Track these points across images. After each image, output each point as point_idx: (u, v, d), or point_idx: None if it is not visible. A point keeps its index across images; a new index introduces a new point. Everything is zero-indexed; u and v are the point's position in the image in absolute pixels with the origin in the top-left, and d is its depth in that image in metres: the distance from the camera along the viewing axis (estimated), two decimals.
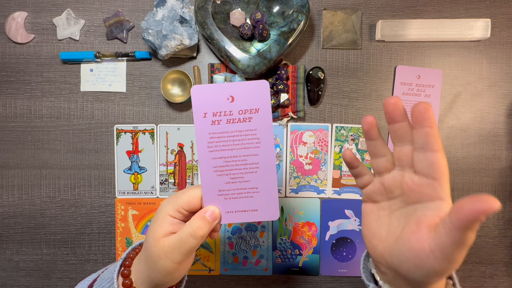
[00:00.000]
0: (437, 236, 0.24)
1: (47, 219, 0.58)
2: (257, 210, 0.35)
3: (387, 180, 0.30)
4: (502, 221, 0.58)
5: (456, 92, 0.58)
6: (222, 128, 0.34)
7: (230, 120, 0.34)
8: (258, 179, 0.35)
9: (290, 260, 0.58)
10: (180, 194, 0.34)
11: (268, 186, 0.35)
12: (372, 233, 0.31)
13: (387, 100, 0.28)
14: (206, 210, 0.34)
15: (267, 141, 0.34)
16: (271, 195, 0.35)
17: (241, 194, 0.35)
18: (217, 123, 0.34)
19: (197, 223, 0.33)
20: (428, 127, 0.26)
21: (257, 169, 0.35)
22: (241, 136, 0.34)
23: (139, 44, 0.58)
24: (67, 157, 0.58)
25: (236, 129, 0.34)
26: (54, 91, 0.58)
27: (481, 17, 0.57)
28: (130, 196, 0.58)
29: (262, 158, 0.34)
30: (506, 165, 0.58)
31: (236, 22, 0.55)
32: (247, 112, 0.34)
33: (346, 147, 0.58)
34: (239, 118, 0.34)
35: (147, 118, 0.58)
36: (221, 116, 0.34)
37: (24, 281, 0.58)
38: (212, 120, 0.34)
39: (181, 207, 0.33)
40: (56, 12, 0.57)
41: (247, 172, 0.35)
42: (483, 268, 0.58)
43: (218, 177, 0.35)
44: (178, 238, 0.32)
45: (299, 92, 0.57)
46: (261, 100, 0.34)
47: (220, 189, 0.35)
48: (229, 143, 0.34)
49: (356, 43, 0.57)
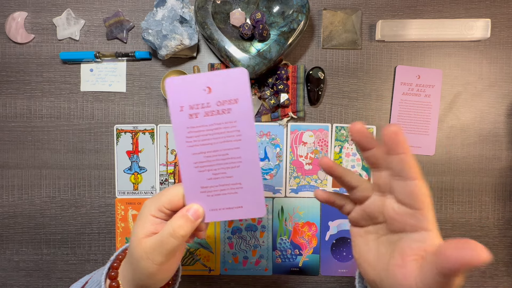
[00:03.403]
0: (423, 275, 0.23)
1: (47, 219, 0.58)
2: (242, 207, 0.33)
3: (369, 208, 0.29)
4: (502, 221, 0.58)
5: (456, 92, 0.58)
6: (200, 121, 0.32)
7: (208, 113, 0.31)
8: (241, 174, 0.32)
9: (290, 260, 0.58)
10: (162, 193, 0.33)
11: (252, 181, 0.32)
12: (362, 257, 0.30)
13: (353, 126, 0.27)
14: (188, 208, 0.32)
15: (248, 133, 0.32)
16: (256, 190, 0.33)
17: (224, 190, 0.33)
18: (194, 117, 0.32)
19: (178, 222, 0.31)
20: (403, 154, 0.24)
21: (239, 163, 0.32)
22: (221, 129, 0.32)
23: (139, 44, 0.58)
24: (67, 157, 0.58)
25: (215, 121, 0.32)
26: (54, 91, 0.58)
27: (481, 17, 0.57)
28: (130, 196, 0.58)
29: (244, 152, 0.32)
30: (506, 165, 0.58)
31: (236, 22, 0.55)
32: (225, 103, 0.31)
33: (346, 147, 0.58)
34: (217, 110, 0.31)
35: (147, 118, 0.58)
36: (198, 109, 0.32)
37: (24, 281, 0.58)
38: (189, 114, 0.32)
39: (163, 206, 0.32)
40: (56, 12, 0.57)
41: (229, 167, 0.32)
42: (483, 268, 0.58)
43: (200, 173, 0.32)
44: (159, 238, 0.31)
45: (299, 92, 0.57)
46: (239, 89, 0.31)
47: (203, 186, 0.33)
48: (208, 137, 0.32)
49: (356, 43, 0.57)
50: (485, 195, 0.58)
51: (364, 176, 0.58)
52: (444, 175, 0.58)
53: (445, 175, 0.58)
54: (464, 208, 0.58)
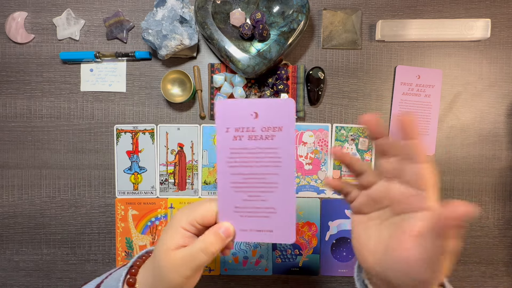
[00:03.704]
0: (422, 245, 0.24)
1: (47, 219, 0.58)
2: (272, 231, 0.34)
3: (374, 192, 0.30)
4: (502, 221, 0.58)
5: (456, 92, 0.58)
6: (243, 144, 0.33)
7: (252, 137, 0.33)
8: (276, 199, 0.33)
9: (290, 260, 0.58)
10: (195, 207, 0.33)
11: (285, 208, 0.33)
12: (361, 244, 0.31)
13: (365, 116, 0.28)
14: (220, 226, 0.32)
15: (288, 160, 0.33)
16: (288, 217, 0.33)
17: (257, 213, 0.34)
18: (239, 139, 0.33)
19: (210, 238, 0.32)
20: (416, 140, 0.26)
21: (275, 188, 0.33)
22: (262, 153, 0.33)
23: (139, 44, 0.58)
24: (67, 157, 0.58)
25: (258, 146, 0.33)
26: (54, 91, 0.58)
27: (481, 17, 0.57)
28: (130, 196, 0.58)
29: (282, 178, 0.33)
30: (506, 165, 0.58)
31: (236, 22, 0.55)
32: (270, 130, 0.33)
33: (346, 147, 0.58)
34: (261, 135, 0.33)
35: (147, 118, 0.58)
36: (243, 132, 0.33)
37: (24, 281, 0.58)
38: (234, 136, 0.33)
39: (195, 221, 0.32)
40: (56, 12, 0.57)
41: (265, 191, 0.33)
42: (483, 268, 0.59)
43: (236, 193, 0.34)
44: (189, 253, 0.31)
45: (299, 92, 0.57)
46: (285, 118, 0.32)
47: (237, 206, 0.34)
48: (249, 160, 0.33)
49: (356, 43, 0.57)
50: (485, 195, 0.58)
51: None
52: (444, 175, 0.58)
53: (445, 175, 0.58)
54: None
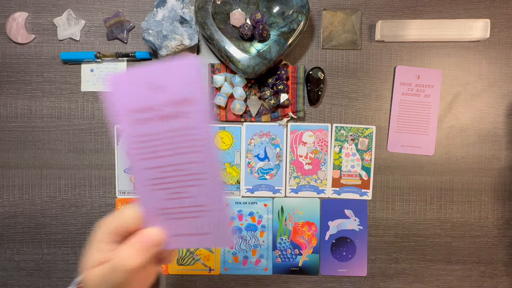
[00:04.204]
0: None
1: (47, 219, 0.58)
2: (208, 234, 0.27)
3: None
4: (502, 221, 0.59)
5: (455, 92, 0.58)
6: (150, 128, 0.25)
7: (159, 117, 0.25)
8: (204, 194, 0.26)
9: (290, 260, 0.59)
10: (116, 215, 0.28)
11: (216, 204, 0.26)
12: None
13: None
14: (141, 234, 0.27)
15: (208, 142, 0.25)
16: (221, 215, 0.26)
17: (185, 213, 0.27)
18: (145, 122, 0.25)
19: (124, 252, 0.26)
20: None
21: (201, 180, 0.26)
22: (176, 137, 0.25)
23: (139, 45, 0.58)
24: (68, 157, 0.58)
25: (168, 128, 0.25)
26: (54, 91, 0.58)
27: (480, 18, 0.57)
28: (131, 196, 0.58)
29: (206, 166, 0.26)
30: (505, 165, 0.58)
31: (236, 22, 0.55)
32: (178, 105, 0.24)
33: (346, 147, 0.58)
34: (169, 114, 0.25)
35: None
36: (148, 112, 0.25)
37: (25, 280, 0.58)
38: (139, 119, 0.25)
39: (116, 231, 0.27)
40: (56, 12, 0.58)
41: (189, 185, 0.26)
42: (483, 268, 0.59)
43: (156, 192, 0.27)
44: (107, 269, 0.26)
45: (299, 92, 0.57)
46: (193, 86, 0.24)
47: (160, 207, 0.27)
48: (162, 148, 0.26)
49: (356, 43, 0.57)
50: (485, 195, 0.58)
51: (364, 176, 0.58)
52: (444, 175, 0.58)
53: (445, 175, 0.58)
54: (463, 208, 0.59)
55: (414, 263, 0.59)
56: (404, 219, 0.59)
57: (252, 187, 0.58)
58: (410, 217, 0.59)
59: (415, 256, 0.59)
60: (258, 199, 0.58)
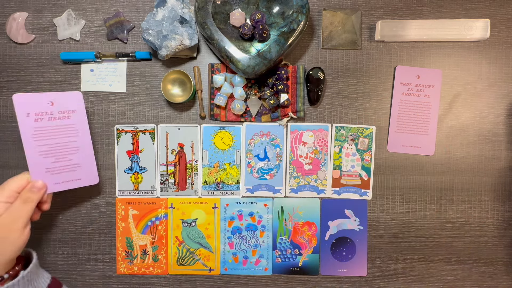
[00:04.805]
0: None
1: (47, 219, 0.58)
2: (80, 179, 0.52)
3: None
4: (502, 221, 0.59)
5: (455, 92, 0.58)
6: (44, 124, 0.49)
7: (51, 118, 0.49)
8: (79, 157, 0.51)
9: (290, 260, 0.59)
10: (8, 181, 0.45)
11: (87, 162, 0.52)
12: None
13: None
14: (32, 184, 0.47)
15: (83, 131, 0.52)
16: (90, 167, 0.53)
17: (65, 169, 0.51)
18: (39, 120, 0.48)
19: (26, 193, 0.45)
20: None
21: (77, 150, 0.51)
22: (62, 128, 0.50)
23: (139, 45, 0.58)
24: None
25: (57, 124, 0.50)
26: (54, 91, 0.58)
27: (480, 18, 0.57)
28: (131, 196, 0.58)
29: (81, 143, 0.51)
30: (505, 165, 0.58)
31: (236, 22, 0.55)
32: (65, 112, 0.50)
33: (346, 147, 0.58)
34: (59, 116, 0.50)
35: (148, 118, 0.58)
36: (42, 115, 0.48)
37: None
38: (35, 118, 0.48)
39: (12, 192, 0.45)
40: (56, 12, 0.58)
41: (69, 153, 0.51)
42: (483, 268, 0.59)
43: (45, 158, 0.49)
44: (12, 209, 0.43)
45: (299, 92, 0.57)
46: (76, 104, 0.51)
47: (47, 168, 0.49)
48: (52, 134, 0.49)
49: (356, 43, 0.57)
50: (485, 195, 0.59)
51: (364, 176, 0.58)
52: (444, 175, 0.58)
53: (445, 175, 0.58)
54: (463, 208, 0.59)
55: (414, 263, 0.59)
56: (404, 219, 0.59)
57: (252, 187, 0.58)
58: (410, 217, 0.59)
59: (415, 256, 0.59)
60: (258, 199, 0.58)
